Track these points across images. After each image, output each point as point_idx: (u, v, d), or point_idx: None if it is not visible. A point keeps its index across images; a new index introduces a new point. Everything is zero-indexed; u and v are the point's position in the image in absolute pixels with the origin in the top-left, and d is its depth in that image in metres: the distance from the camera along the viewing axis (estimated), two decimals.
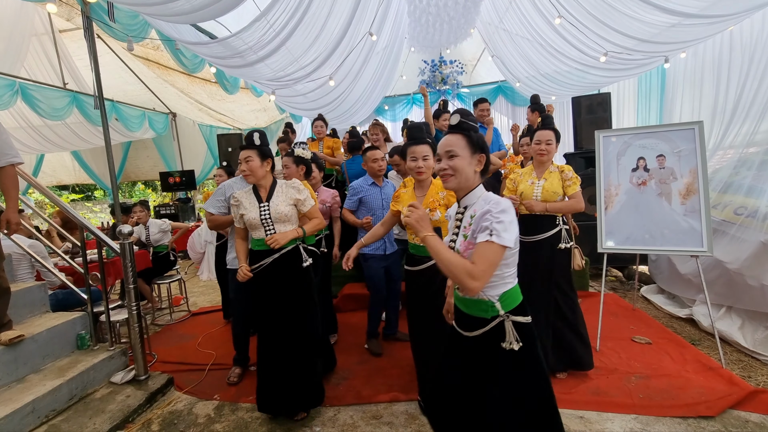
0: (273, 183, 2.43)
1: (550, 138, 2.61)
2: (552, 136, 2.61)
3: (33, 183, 3.20)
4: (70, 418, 2.44)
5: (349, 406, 2.54)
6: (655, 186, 3.19)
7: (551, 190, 2.60)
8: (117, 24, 3.10)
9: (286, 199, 2.37)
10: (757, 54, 3.87)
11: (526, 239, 2.59)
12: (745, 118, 3.87)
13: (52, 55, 5.24)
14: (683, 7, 3.69)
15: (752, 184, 3.43)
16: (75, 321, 2.97)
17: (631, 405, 2.35)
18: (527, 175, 2.76)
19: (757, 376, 2.65)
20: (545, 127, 2.66)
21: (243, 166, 2.33)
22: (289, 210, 2.35)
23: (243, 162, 2.32)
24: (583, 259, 2.55)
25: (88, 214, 12.49)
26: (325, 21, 4.34)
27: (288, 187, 2.42)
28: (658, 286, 4.29)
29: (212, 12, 3.07)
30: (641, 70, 5.72)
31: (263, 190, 2.40)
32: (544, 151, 2.62)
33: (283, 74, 4.66)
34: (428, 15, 5.66)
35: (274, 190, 2.40)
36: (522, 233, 2.51)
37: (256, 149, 2.33)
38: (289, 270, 2.36)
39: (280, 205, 2.33)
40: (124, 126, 6.92)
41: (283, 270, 2.35)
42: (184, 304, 4.75)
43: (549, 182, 2.63)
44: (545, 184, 2.63)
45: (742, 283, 3.05)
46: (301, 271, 2.39)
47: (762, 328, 2.95)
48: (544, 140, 2.61)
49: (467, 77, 9.51)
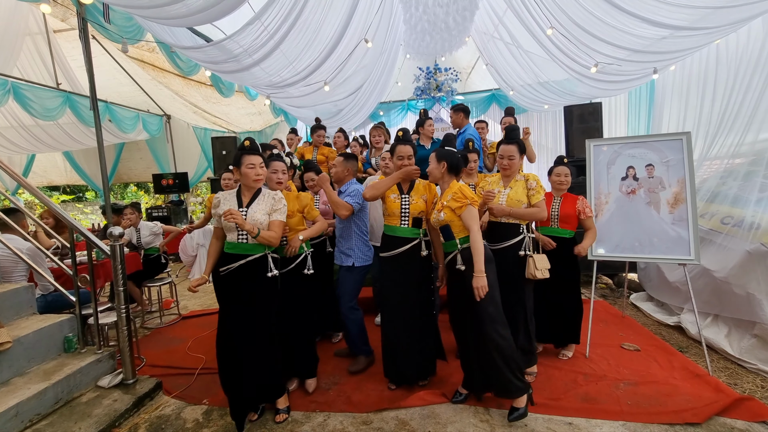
0: (258, 190, 2.44)
1: (512, 153, 2.69)
2: (514, 151, 2.69)
3: (22, 182, 3.16)
4: (54, 422, 2.40)
5: (339, 411, 2.53)
6: (644, 195, 3.24)
7: (515, 198, 2.68)
8: (112, 25, 3.09)
9: (264, 208, 2.38)
10: (742, 68, 3.97)
11: (492, 246, 2.66)
12: (730, 130, 3.96)
13: (46, 55, 5.22)
14: (673, 20, 3.77)
15: (738, 194, 3.50)
16: (62, 323, 2.93)
17: (619, 412, 2.37)
18: (495, 183, 2.85)
19: (743, 384, 2.69)
20: (508, 141, 2.73)
21: (258, 170, 2.35)
22: (265, 219, 2.36)
23: (257, 167, 2.35)
24: (537, 270, 2.60)
25: (79, 215, 12.34)
26: (319, 25, 4.36)
27: (270, 197, 2.42)
28: (647, 294, 4.34)
29: (208, 16, 3.08)
30: (632, 84, 5.82)
31: (247, 195, 2.41)
32: (506, 166, 2.73)
33: (278, 78, 4.67)
34: (424, 23, 5.73)
35: (256, 197, 2.42)
36: (488, 240, 2.68)
37: (261, 156, 2.39)
38: (253, 277, 2.36)
39: (257, 213, 2.34)
40: (117, 127, 6.88)
41: (247, 277, 2.35)
42: (175, 308, 4.71)
43: (514, 191, 2.71)
44: (510, 193, 2.71)
45: (729, 292, 3.10)
46: (264, 281, 2.38)
47: (748, 336, 3.00)
48: (506, 155, 2.71)
49: (462, 85, 9.60)
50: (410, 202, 2.60)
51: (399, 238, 2.62)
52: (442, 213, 2.41)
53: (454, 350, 3.05)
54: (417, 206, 2.60)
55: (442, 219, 2.41)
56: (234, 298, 2.36)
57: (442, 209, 2.42)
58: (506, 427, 2.31)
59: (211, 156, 6.85)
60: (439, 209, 2.44)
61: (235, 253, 2.34)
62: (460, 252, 2.39)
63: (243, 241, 2.33)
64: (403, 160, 2.62)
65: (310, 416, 2.51)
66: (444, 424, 2.36)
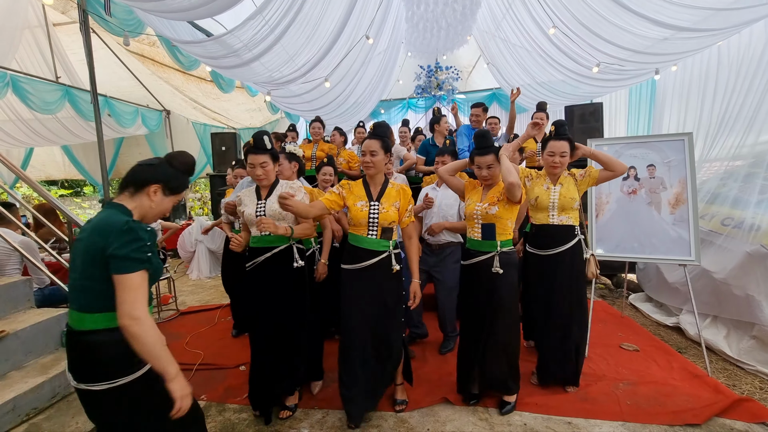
0: (275, 182, 2.44)
1: (564, 150, 2.47)
2: (567, 148, 2.47)
3: (21, 175, 3.13)
4: (51, 416, 2.39)
5: (338, 409, 2.52)
6: (645, 195, 3.24)
7: (568, 196, 2.51)
8: (113, 18, 3.07)
9: None
10: (743, 70, 3.96)
11: (546, 252, 2.56)
12: (731, 131, 3.95)
13: (45, 48, 5.17)
14: (676, 21, 3.76)
15: (738, 195, 3.50)
16: (60, 317, 2.92)
17: (618, 412, 2.37)
18: (542, 178, 2.63)
19: (742, 385, 2.69)
20: (559, 137, 2.52)
21: (258, 171, 2.31)
22: None
23: (258, 167, 2.31)
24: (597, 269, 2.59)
25: (77, 210, 12.29)
26: (319, 19, 4.34)
27: (287, 187, 2.41)
28: (646, 295, 4.34)
29: (209, 10, 3.06)
30: (633, 81, 5.82)
31: (265, 188, 2.42)
32: (557, 164, 2.50)
33: (278, 74, 4.65)
34: (425, 21, 5.72)
35: (273, 189, 2.42)
36: (538, 246, 2.61)
37: (268, 153, 2.33)
38: (280, 269, 2.36)
39: (275, 204, 2.31)
40: (116, 122, 6.85)
41: (275, 268, 2.35)
42: (173, 303, 4.69)
43: (565, 188, 2.53)
44: (561, 190, 2.53)
45: (728, 293, 3.10)
46: (291, 272, 2.37)
47: (747, 338, 3.00)
48: (558, 152, 2.48)
49: (462, 83, 9.60)
50: (379, 210, 2.27)
51: (364, 250, 2.28)
52: (495, 207, 2.28)
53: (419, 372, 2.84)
54: (387, 216, 2.26)
55: (494, 213, 2.27)
56: (263, 293, 2.34)
57: (496, 203, 2.29)
58: (505, 426, 2.30)
59: (210, 152, 6.82)
60: (493, 203, 2.30)
61: (260, 246, 2.34)
62: (499, 254, 2.29)
63: (266, 233, 2.31)
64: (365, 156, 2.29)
65: (308, 413, 2.50)
66: (443, 422, 2.36)
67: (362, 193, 2.34)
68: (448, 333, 3.31)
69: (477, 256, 2.36)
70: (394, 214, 2.29)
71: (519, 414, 2.40)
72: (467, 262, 2.44)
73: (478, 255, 2.35)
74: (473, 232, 2.40)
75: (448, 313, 3.21)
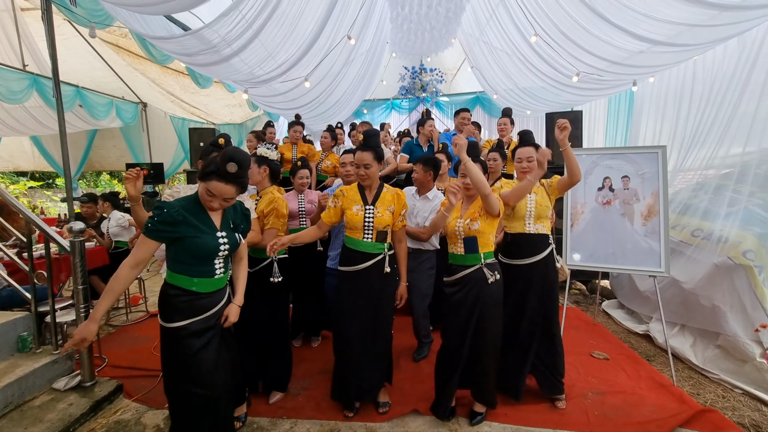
0: None
1: (531, 155, 2.50)
2: (533, 153, 2.50)
3: None
4: (3, 427, 2.26)
5: (307, 419, 2.47)
6: (619, 206, 3.28)
7: (543, 204, 2.55)
8: (79, 8, 2.92)
9: None
10: (716, 84, 4.06)
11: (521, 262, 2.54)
12: (703, 143, 4.05)
13: (12, 34, 4.92)
14: (652, 35, 3.83)
15: (708, 207, 3.58)
16: (17, 321, 2.78)
17: (586, 422, 2.39)
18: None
19: (705, 394, 2.76)
20: (524, 144, 2.58)
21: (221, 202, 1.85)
22: None
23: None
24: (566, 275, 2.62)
25: (48, 203, 11.80)
26: (297, 18, 4.24)
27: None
28: (618, 301, 4.42)
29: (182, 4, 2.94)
30: (612, 91, 5.92)
31: None
32: (527, 169, 2.52)
33: (258, 71, 4.54)
34: (410, 23, 5.70)
35: None
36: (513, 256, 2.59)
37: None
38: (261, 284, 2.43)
39: None
40: (89, 113, 6.58)
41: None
42: (143, 304, 4.54)
43: (540, 196, 2.57)
44: (537, 198, 2.56)
45: (696, 303, 3.18)
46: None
47: (712, 347, 3.08)
48: (525, 158, 2.53)
49: (447, 86, 9.61)
50: (375, 214, 2.35)
51: (361, 253, 2.37)
52: (478, 222, 2.27)
53: None
54: (382, 220, 2.34)
55: (477, 229, 2.27)
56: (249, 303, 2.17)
57: (478, 218, 2.28)
58: None
59: (188, 147, 6.64)
60: (474, 218, 2.29)
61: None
62: (485, 266, 2.28)
63: None
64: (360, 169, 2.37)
65: (276, 423, 2.44)
66: None
67: (357, 197, 2.42)
68: (422, 339, 3.29)
69: (461, 270, 2.34)
70: (389, 217, 2.38)
71: (488, 425, 2.40)
72: (452, 278, 2.38)
73: (463, 269, 2.33)
74: (456, 248, 2.37)
75: (422, 319, 3.20)
